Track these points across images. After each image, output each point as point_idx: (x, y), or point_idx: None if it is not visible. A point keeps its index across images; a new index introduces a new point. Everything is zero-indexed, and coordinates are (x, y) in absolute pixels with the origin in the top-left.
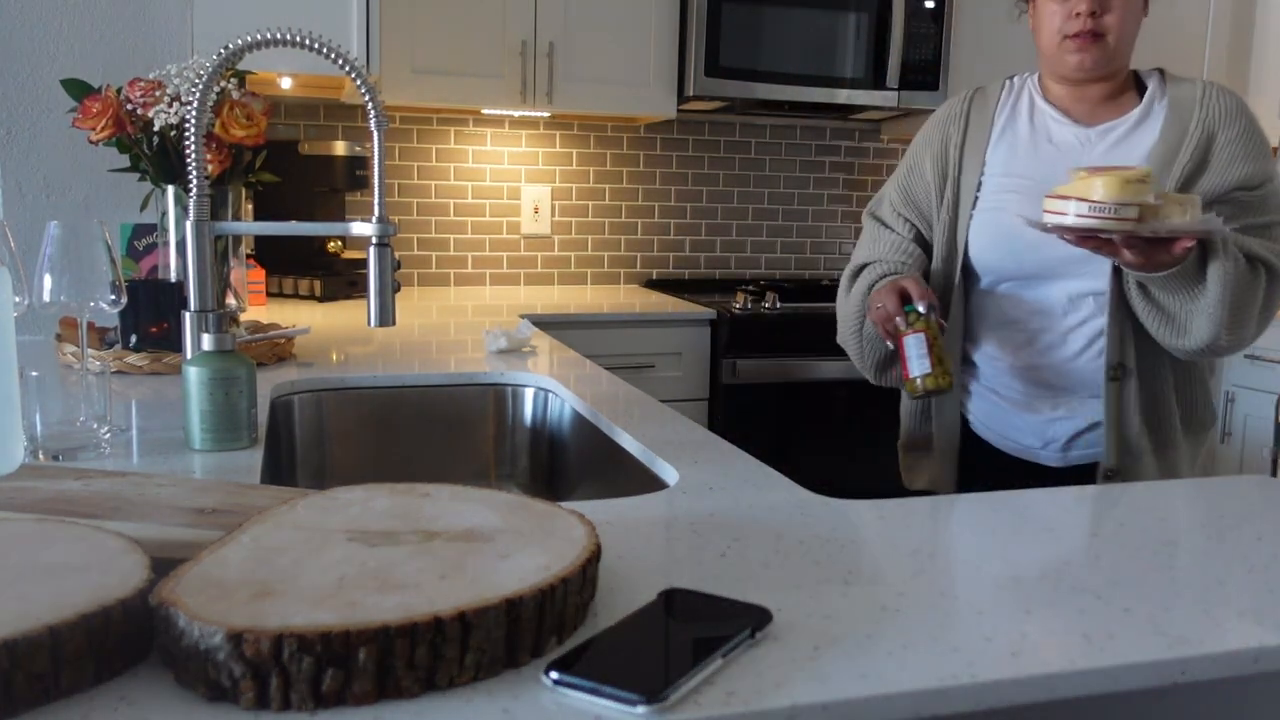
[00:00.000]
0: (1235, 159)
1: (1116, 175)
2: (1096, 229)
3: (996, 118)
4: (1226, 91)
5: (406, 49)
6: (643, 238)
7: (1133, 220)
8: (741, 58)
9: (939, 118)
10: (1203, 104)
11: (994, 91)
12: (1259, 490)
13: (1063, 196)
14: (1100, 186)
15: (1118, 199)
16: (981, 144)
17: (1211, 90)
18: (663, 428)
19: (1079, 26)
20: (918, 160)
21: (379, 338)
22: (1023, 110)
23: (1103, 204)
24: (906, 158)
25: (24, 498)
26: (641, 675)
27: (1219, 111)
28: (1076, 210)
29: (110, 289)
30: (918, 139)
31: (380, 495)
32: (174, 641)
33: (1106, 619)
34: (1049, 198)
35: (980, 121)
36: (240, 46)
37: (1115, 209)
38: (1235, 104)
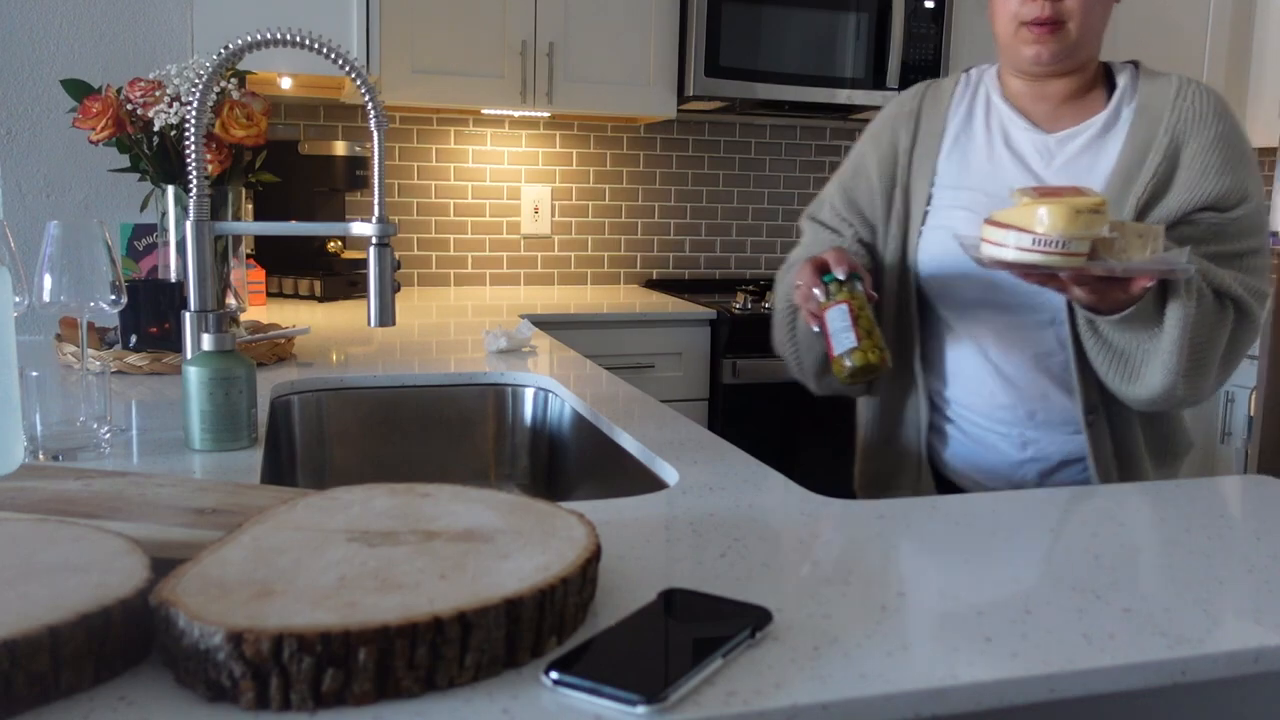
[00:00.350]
0: (1208, 171)
1: (1065, 204)
2: (1040, 265)
3: (950, 117)
4: (1205, 90)
5: (406, 49)
6: (643, 238)
7: (1083, 255)
8: (741, 58)
9: (887, 116)
10: (1175, 106)
11: (949, 86)
12: (1259, 490)
13: (1003, 224)
14: (1047, 217)
15: (1066, 233)
16: (933, 149)
17: (1187, 90)
18: (663, 428)
19: (1036, 13)
20: (863, 162)
21: (379, 338)
22: (979, 110)
23: (1048, 237)
24: (851, 158)
25: (24, 498)
26: (641, 675)
27: (1192, 115)
28: (1018, 242)
29: (110, 289)
30: (864, 138)
31: (380, 495)
32: (174, 641)
33: (1106, 619)
34: (989, 224)
35: (933, 122)
36: (240, 46)
37: (1064, 243)
38: (1212, 105)
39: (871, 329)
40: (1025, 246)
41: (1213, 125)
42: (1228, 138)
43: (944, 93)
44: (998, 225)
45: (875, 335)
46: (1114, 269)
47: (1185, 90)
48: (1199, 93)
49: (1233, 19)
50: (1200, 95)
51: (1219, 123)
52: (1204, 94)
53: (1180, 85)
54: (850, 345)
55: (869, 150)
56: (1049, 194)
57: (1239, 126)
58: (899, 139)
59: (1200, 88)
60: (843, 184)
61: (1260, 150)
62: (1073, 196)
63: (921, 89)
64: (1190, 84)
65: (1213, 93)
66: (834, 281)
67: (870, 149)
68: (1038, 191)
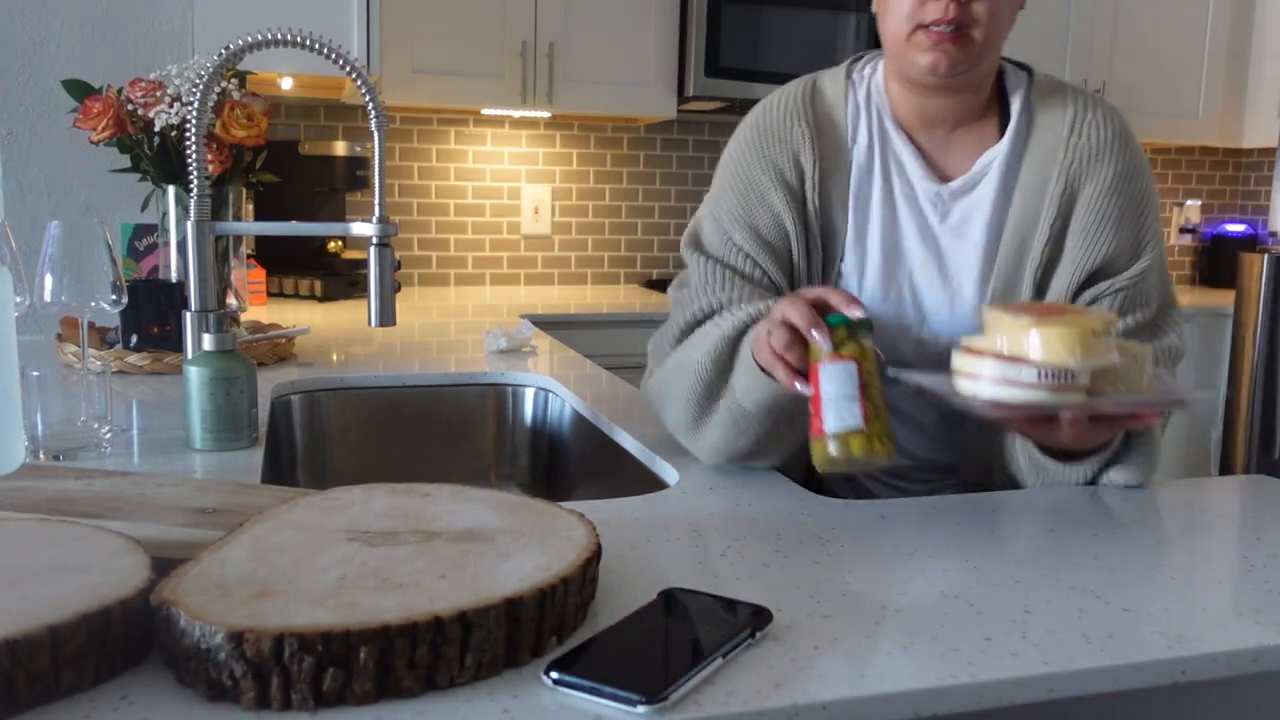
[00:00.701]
0: (1104, 222)
1: (1077, 326)
2: (1048, 405)
3: (852, 142)
4: (1103, 116)
5: (407, 49)
6: (643, 238)
7: (1082, 389)
8: (741, 58)
9: (773, 128)
10: (1070, 144)
11: (838, 94)
12: (1259, 490)
13: (995, 355)
14: (1057, 343)
15: (1082, 362)
16: (842, 184)
17: (1083, 120)
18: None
19: (938, 14)
20: (754, 183)
21: (379, 338)
22: (875, 139)
23: (1055, 369)
24: (731, 177)
25: (25, 497)
26: (641, 675)
27: (1088, 153)
28: (1018, 376)
29: (111, 289)
30: (743, 153)
31: (380, 495)
32: (175, 641)
33: (1106, 619)
34: (968, 353)
35: (834, 148)
36: (241, 47)
37: (1074, 376)
38: (1111, 137)
39: (880, 407)
40: (1028, 381)
41: (1111, 163)
42: (1128, 176)
43: (835, 103)
44: (984, 356)
45: (884, 417)
46: (1123, 403)
47: (1081, 121)
48: (1095, 123)
49: (1232, 19)
50: (1097, 127)
51: (1118, 159)
52: (1102, 123)
53: (1076, 115)
54: (852, 424)
55: (756, 169)
56: (1044, 316)
57: (1139, 158)
58: (800, 163)
59: (1098, 114)
60: (736, 211)
61: (1260, 150)
62: (1066, 316)
63: (805, 91)
64: (1087, 110)
65: (1111, 119)
66: (842, 326)
67: (758, 168)
68: (1012, 309)
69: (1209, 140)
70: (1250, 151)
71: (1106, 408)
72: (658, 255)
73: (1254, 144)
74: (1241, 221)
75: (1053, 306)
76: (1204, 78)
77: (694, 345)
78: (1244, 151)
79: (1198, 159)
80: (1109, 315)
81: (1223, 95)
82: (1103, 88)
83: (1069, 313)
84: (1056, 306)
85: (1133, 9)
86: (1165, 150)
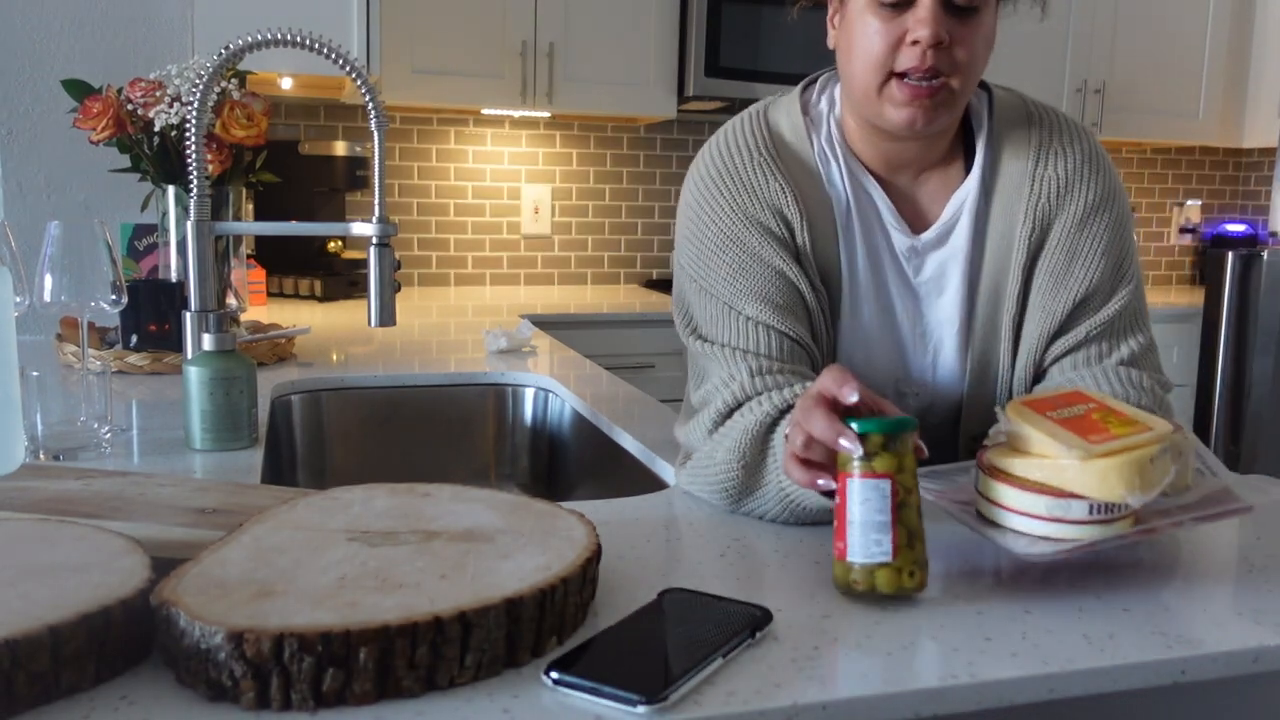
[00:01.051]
0: (1074, 259)
1: (1134, 455)
2: (1095, 541)
3: (830, 192)
4: (1069, 146)
5: (406, 49)
6: (643, 238)
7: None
8: (742, 58)
9: (745, 184)
10: (1035, 181)
11: (799, 138)
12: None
13: (1038, 488)
14: (1115, 477)
15: (1144, 495)
16: (830, 234)
17: (1048, 152)
18: (663, 428)
19: (914, 62)
20: (744, 246)
21: (379, 338)
22: (846, 184)
23: (1113, 504)
24: (713, 243)
25: (25, 497)
26: (641, 675)
27: (1055, 188)
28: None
29: (111, 289)
30: (718, 215)
31: (380, 495)
32: (175, 641)
33: (1106, 619)
34: (1003, 480)
35: (814, 196)
36: (241, 47)
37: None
38: (1078, 159)
39: (917, 531)
40: (1078, 518)
41: (1080, 195)
42: (1099, 206)
43: (800, 147)
44: (1023, 487)
45: (920, 543)
46: (1182, 522)
47: (1046, 150)
48: (1060, 150)
49: (1232, 19)
50: (1062, 155)
51: (1086, 189)
52: (1068, 148)
53: (1040, 142)
54: (880, 558)
55: (745, 232)
56: (1065, 426)
57: (1109, 181)
58: (786, 214)
59: (1063, 139)
60: (743, 283)
61: (1260, 150)
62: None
63: (762, 135)
64: (1052, 137)
65: (1077, 141)
66: (873, 433)
67: (746, 230)
68: (1032, 406)
69: (1209, 140)
70: (1250, 151)
71: (1163, 529)
72: (658, 255)
73: (1254, 144)
74: (1241, 221)
75: (1086, 399)
76: (1204, 78)
77: (720, 438)
78: (1244, 151)
79: (1198, 159)
80: (1164, 428)
81: (1223, 95)
82: (1103, 88)
83: (1111, 417)
84: (1092, 401)
85: (1133, 9)
86: (1165, 150)
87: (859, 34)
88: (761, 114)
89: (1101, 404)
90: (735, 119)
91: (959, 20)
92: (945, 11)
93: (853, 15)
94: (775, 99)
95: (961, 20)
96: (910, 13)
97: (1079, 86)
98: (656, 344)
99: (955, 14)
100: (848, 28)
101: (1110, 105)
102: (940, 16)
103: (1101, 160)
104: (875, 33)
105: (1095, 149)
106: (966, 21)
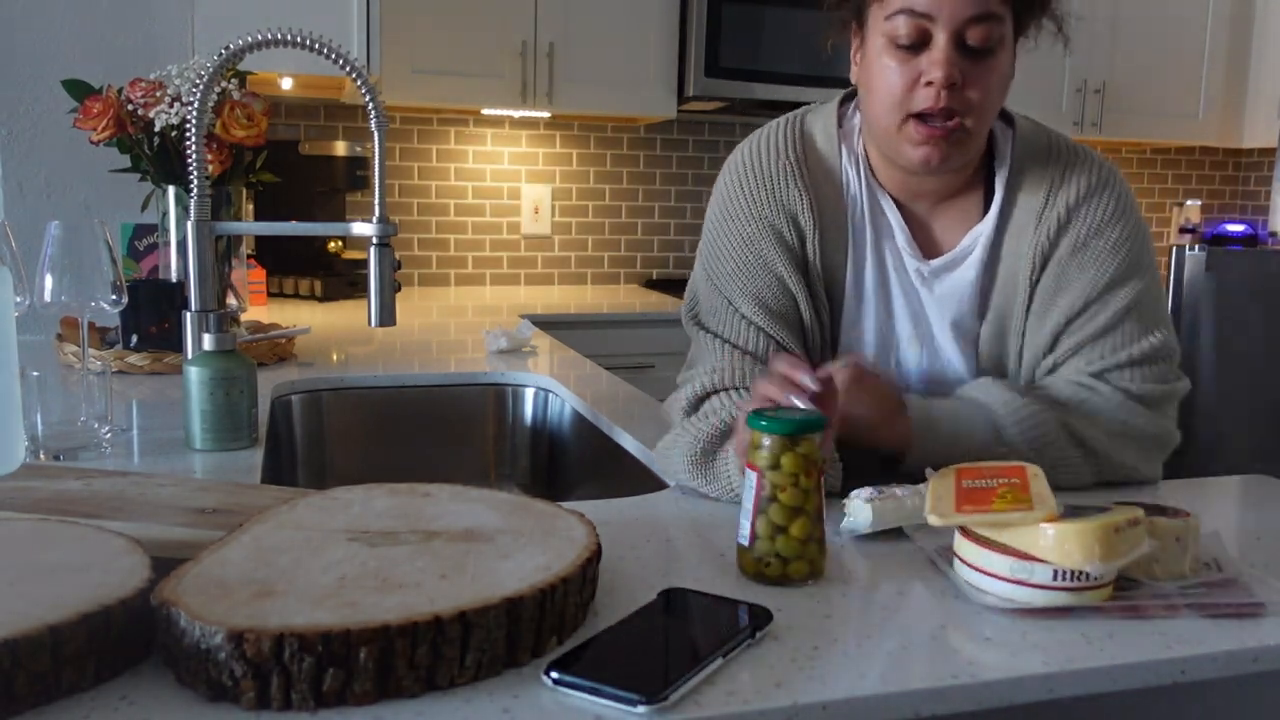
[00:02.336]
0: (1060, 283)
1: (1095, 525)
2: (1064, 606)
3: (850, 215)
4: (1081, 172)
5: (407, 49)
6: (643, 238)
7: (1109, 585)
8: (741, 58)
9: (767, 184)
10: (1041, 218)
11: (830, 147)
12: (1259, 490)
13: (999, 548)
14: (1073, 543)
15: (1105, 565)
16: (842, 246)
17: (1058, 185)
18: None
19: (929, 103)
20: (752, 245)
21: (379, 338)
22: (864, 201)
23: (1076, 571)
24: (726, 236)
25: (25, 497)
26: (641, 675)
27: (1055, 225)
28: (1033, 576)
29: (111, 289)
30: (735, 210)
31: (380, 495)
32: (175, 641)
33: (1106, 619)
34: (970, 539)
35: (832, 207)
36: (241, 47)
37: (1098, 576)
38: (1081, 192)
39: (785, 529)
40: (1041, 583)
41: (1075, 227)
42: (1092, 235)
43: (829, 157)
44: (988, 546)
45: (790, 542)
46: (1178, 608)
47: (1055, 190)
48: (1068, 187)
49: (1232, 19)
50: (1065, 195)
51: (1082, 223)
52: (1076, 183)
53: (1052, 182)
54: (740, 540)
55: (755, 232)
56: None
57: (1109, 211)
58: (799, 220)
59: (1073, 174)
60: (744, 282)
61: (1260, 150)
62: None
63: (795, 140)
64: (1064, 174)
65: (1089, 174)
66: (754, 428)
67: (757, 229)
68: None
69: (1209, 140)
70: (1250, 151)
71: (1153, 610)
72: (658, 255)
73: (1254, 144)
74: (1241, 221)
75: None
76: (1204, 78)
77: (700, 418)
78: (1244, 151)
79: (1198, 159)
80: (1041, 514)
81: (1223, 95)
82: (1103, 88)
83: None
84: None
85: (1133, 9)
86: (1165, 150)
87: (877, 73)
88: (799, 119)
89: (1022, 484)
90: (775, 120)
91: (973, 61)
92: (959, 53)
93: (872, 54)
94: (817, 105)
95: (976, 61)
96: (925, 54)
97: (1079, 86)
98: (656, 344)
99: (970, 55)
100: (868, 65)
101: (1110, 105)
102: (954, 58)
103: (1107, 188)
104: (892, 73)
105: (1101, 179)
106: (981, 62)
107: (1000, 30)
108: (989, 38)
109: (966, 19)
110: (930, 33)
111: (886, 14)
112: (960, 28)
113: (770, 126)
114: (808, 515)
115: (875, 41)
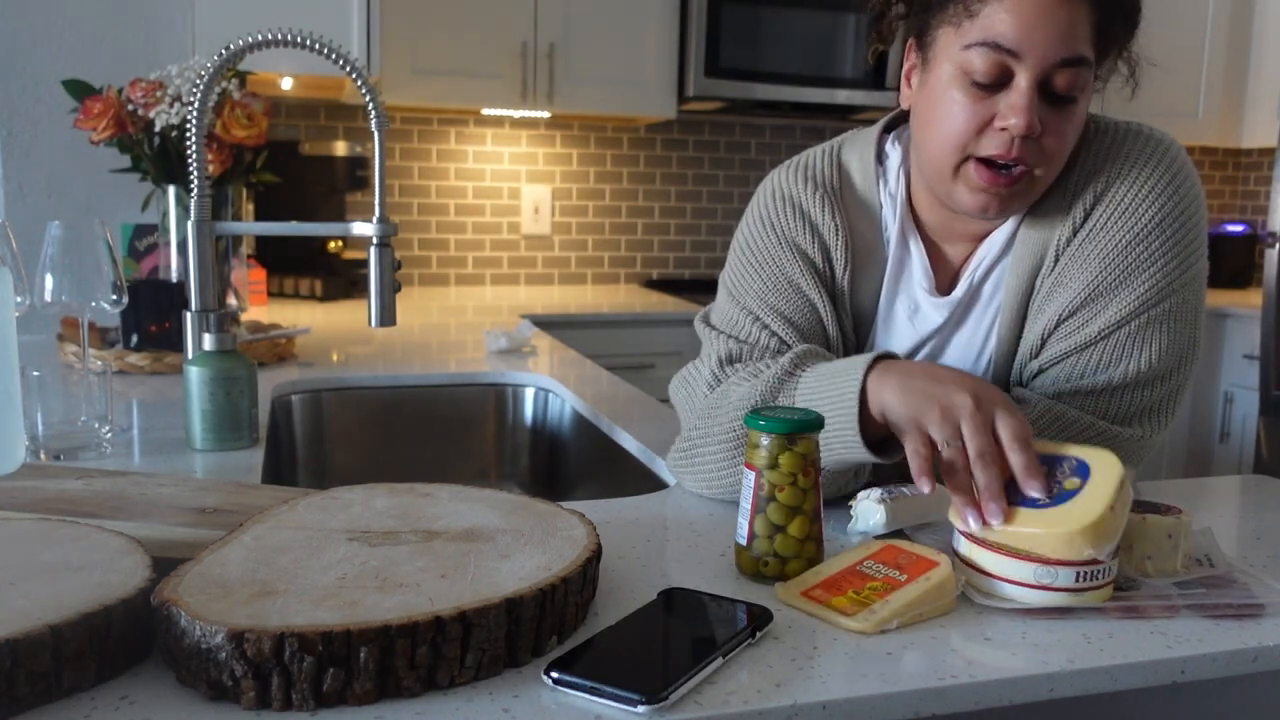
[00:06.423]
0: (1062, 279)
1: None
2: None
3: (888, 249)
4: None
5: (407, 49)
6: (643, 238)
7: (1112, 583)
8: (741, 58)
9: (801, 212)
10: (1058, 246)
11: (868, 185)
12: (1259, 490)
13: (995, 547)
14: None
15: (1064, 554)
16: (875, 280)
17: (1070, 215)
18: (663, 428)
19: (998, 150)
20: (779, 266)
21: (379, 338)
22: (897, 243)
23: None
24: (753, 260)
25: (25, 497)
26: (641, 675)
27: (1067, 233)
28: (1031, 576)
29: (111, 289)
30: (765, 237)
31: (380, 495)
32: (175, 641)
33: (1106, 619)
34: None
35: (867, 243)
36: (241, 47)
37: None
38: (1116, 175)
39: (785, 529)
40: (1068, 586)
41: (1097, 213)
42: (1122, 217)
43: (868, 194)
44: (1008, 554)
45: (789, 543)
46: (1178, 608)
47: (1067, 221)
48: (1095, 190)
49: (1232, 19)
50: (1095, 192)
51: (1080, 243)
52: (1106, 187)
53: (1069, 213)
54: (739, 539)
55: (785, 257)
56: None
57: (1150, 209)
58: (832, 255)
59: (1105, 174)
60: (771, 299)
61: (1260, 150)
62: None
63: (832, 174)
64: (1076, 200)
65: (1128, 174)
66: (755, 425)
67: (787, 254)
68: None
69: (1209, 140)
70: (1250, 151)
71: (1153, 612)
72: (658, 255)
73: (1254, 144)
74: (1241, 222)
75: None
76: (1204, 78)
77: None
78: (1244, 151)
79: (1197, 159)
80: (1100, 512)
81: (1222, 95)
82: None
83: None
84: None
85: None
86: None
87: (942, 107)
88: (836, 150)
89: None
90: (814, 149)
91: (1054, 109)
92: (1042, 99)
93: (937, 84)
94: (855, 134)
95: (1057, 109)
96: (1003, 95)
97: None
98: (656, 344)
99: (1052, 102)
100: (929, 95)
101: (1109, 105)
102: (1036, 104)
103: (1140, 168)
104: (961, 109)
105: (1145, 158)
106: (1061, 110)
107: (1086, 76)
108: (1074, 84)
109: (1056, 62)
110: (1012, 72)
111: (965, 43)
112: (1048, 71)
113: (806, 155)
114: (805, 514)
115: (943, 70)
